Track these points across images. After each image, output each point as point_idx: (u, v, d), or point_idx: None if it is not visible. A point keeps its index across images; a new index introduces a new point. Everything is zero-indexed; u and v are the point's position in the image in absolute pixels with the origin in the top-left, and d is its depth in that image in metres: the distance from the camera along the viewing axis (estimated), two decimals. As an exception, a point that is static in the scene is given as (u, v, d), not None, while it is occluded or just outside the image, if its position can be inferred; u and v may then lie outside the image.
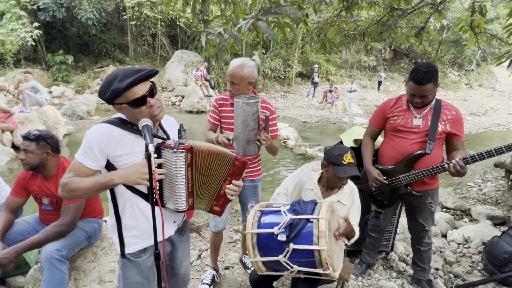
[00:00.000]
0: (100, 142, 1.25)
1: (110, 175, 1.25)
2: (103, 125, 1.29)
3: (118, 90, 1.19)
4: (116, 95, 1.21)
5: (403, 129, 2.15)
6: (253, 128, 1.80)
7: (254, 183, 2.26)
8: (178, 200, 1.33)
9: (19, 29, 12.91)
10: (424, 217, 2.28)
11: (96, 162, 1.27)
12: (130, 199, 1.34)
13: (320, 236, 1.46)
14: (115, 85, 1.20)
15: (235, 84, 1.97)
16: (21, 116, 7.03)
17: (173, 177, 1.30)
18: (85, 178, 1.26)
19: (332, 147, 1.94)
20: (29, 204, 2.27)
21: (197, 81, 12.68)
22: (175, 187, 1.31)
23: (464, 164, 1.95)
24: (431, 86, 1.99)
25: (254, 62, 1.99)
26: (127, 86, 1.19)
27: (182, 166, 1.29)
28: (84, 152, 1.27)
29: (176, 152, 1.26)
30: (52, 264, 1.86)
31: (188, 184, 1.34)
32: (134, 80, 1.20)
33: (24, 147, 2.03)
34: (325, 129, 10.97)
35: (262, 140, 1.83)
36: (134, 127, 1.31)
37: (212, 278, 2.44)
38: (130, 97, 1.22)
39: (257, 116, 1.80)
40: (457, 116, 2.10)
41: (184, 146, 1.29)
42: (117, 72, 1.24)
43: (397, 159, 2.19)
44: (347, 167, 1.82)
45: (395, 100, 2.27)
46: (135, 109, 1.25)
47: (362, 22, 4.29)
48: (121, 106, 1.26)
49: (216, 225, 2.30)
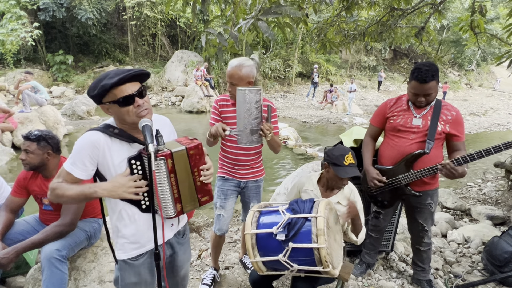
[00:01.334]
0: (88, 150, 1.25)
1: (94, 187, 1.24)
2: (91, 133, 1.28)
3: (106, 86, 1.18)
4: (104, 91, 1.20)
5: (403, 129, 2.15)
6: (256, 117, 1.79)
7: (257, 183, 2.26)
8: (165, 208, 1.30)
9: (19, 29, 12.93)
10: (424, 217, 2.28)
11: (84, 171, 1.27)
12: (124, 208, 1.34)
13: (319, 234, 1.46)
14: (104, 81, 1.20)
15: (234, 84, 1.96)
16: (21, 116, 7.03)
17: (156, 185, 1.26)
18: (72, 185, 1.26)
19: (333, 148, 1.93)
20: (29, 204, 2.27)
21: (197, 81, 12.68)
22: (159, 195, 1.28)
23: (459, 164, 1.94)
24: (435, 84, 1.99)
25: (253, 61, 1.98)
26: (116, 82, 1.19)
27: (164, 173, 1.24)
28: (73, 162, 1.26)
29: (155, 159, 1.21)
30: (52, 264, 1.86)
31: (174, 191, 1.29)
32: (123, 77, 1.20)
33: (25, 147, 2.03)
34: (325, 129, 10.97)
35: (265, 130, 1.81)
36: (122, 133, 1.30)
37: (213, 278, 2.43)
38: (118, 95, 1.21)
39: (260, 105, 1.79)
40: (457, 116, 2.09)
41: (163, 153, 1.24)
42: (109, 71, 1.25)
43: (396, 159, 2.19)
44: (348, 168, 1.82)
45: (395, 100, 2.27)
46: (122, 108, 1.23)
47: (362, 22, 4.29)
48: (109, 105, 1.25)
49: (220, 228, 2.28)
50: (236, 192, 2.27)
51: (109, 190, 1.23)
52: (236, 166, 2.17)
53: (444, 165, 1.95)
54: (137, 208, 1.34)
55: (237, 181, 2.22)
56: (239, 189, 2.25)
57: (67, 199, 1.26)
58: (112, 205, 1.35)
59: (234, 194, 2.26)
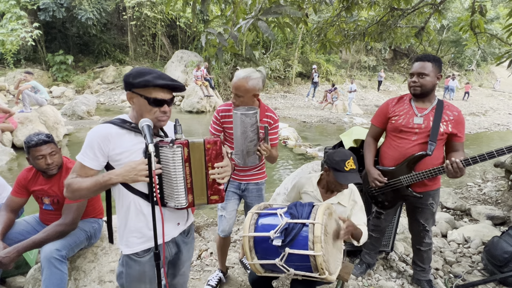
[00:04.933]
0: (99, 141, 1.28)
1: (108, 174, 1.27)
2: (103, 125, 1.32)
3: (150, 82, 1.26)
4: (145, 84, 1.26)
5: (405, 129, 2.13)
6: (252, 139, 1.79)
7: (258, 186, 2.25)
8: (177, 197, 1.31)
9: (19, 29, 12.92)
10: (425, 217, 2.28)
11: (95, 161, 1.29)
12: (134, 200, 1.35)
13: (315, 242, 1.44)
14: (149, 77, 1.26)
15: (239, 96, 1.93)
16: (21, 116, 7.03)
17: (171, 173, 1.29)
18: (86, 178, 1.28)
19: (334, 151, 1.90)
20: (29, 204, 2.27)
21: (197, 81, 12.68)
22: (173, 183, 1.30)
23: (466, 165, 1.93)
24: (431, 67, 2.02)
25: (260, 73, 1.95)
26: (160, 85, 1.27)
27: (179, 161, 1.28)
28: (84, 152, 1.30)
29: (172, 146, 1.26)
30: (52, 264, 1.87)
31: (187, 180, 1.32)
32: (168, 84, 1.28)
33: (49, 150, 2.01)
34: (325, 129, 10.97)
35: (262, 151, 1.82)
36: (132, 125, 1.34)
37: (219, 280, 2.44)
38: (153, 94, 1.28)
39: (256, 127, 1.78)
40: (459, 116, 2.09)
41: (180, 141, 1.29)
42: (153, 69, 1.31)
43: (398, 160, 2.17)
44: (349, 174, 1.79)
45: (397, 100, 2.27)
46: (149, 106, 1.29)
47: (362, 22, 4.29)
48: (137, 96, 1.30)
49: (223, 230, 2.28)
50: (237, 194, 2.26)
51: (122, 175, 1.25)
52: (237, 169, 2.18)
53: (452, 162, 1.92)
54: (146, 201, 1.35)
55: (237, 183, 2.22)
56: (240, 191, 2.25)
57: (82, 192, 1.28)
58: (121, 198, 1.36)
59: (235, 196, 2.25)
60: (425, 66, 2.03)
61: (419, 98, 2.14)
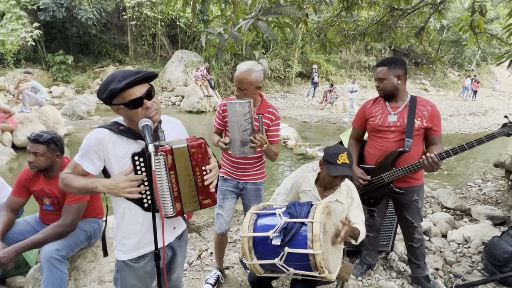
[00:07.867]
0: (95, 146, 1.29)
1: (96, 182, 1.27)
2: (98, 130, 1.32)
3: (115, 90, 1.20)
4: (113, 95, 1.22)
5: (382, 128, 2.22)
6: (246, 129, 1.79)
7: (257, 186, 2.25)
8: (164, 206, 1.27)
9: (19, 29, 12.93)
10: (412, 213, 2.33)
11: (92, 165, 1.31)
12: (129, 206, 1.35)
13: (314, 240, 1.45)
14: (113, 85, 1.21)
15: (242, 89, 1.93)
16: (21, 116, 7.03)
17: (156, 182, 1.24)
18: (79, 178, 1.30)
19: (331, 146, 1.94)
20: (29, 204, 2.27)
21: (197, 81, 12.69)
22: (159, 193, 1.25)
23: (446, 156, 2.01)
24: (386, 70, 2.15)
25: (261, 66, 1.96)
26: (124, 86, 1.20)
27: (163, 169, 1.23)
28: (82, 155, 1.31)
29: (156, 155, 1.20)
30: (52, 264, 1.87)
31: (173, 189, 1.27)
32: (131, 81, 1.21)
33: (34, 150, 2.01)
34: (325, 129, 10.98)
35: (255, 141, 1.82)
36: (124, 130, 1.32)
37: (217, 279, 2.44)
38: (127, 98, 1.23)
39: (249, 117, 1.78)
40: (433, 110, 2.16)
41: (163, 148, 1.23)
42: (116, 73, 1.25)
43: (379, 158, 2.26)
44: (340, 167, 1.81)
45: (373, 101, 2.36)
46: (131, 110, 1.25)
47: (362, 22, 4.29)
48: (118, 107, 1.27)
49: (220, 227, 2.28)
50: (235, 193, 2.26)
51: (107, 188, 1.25)
52: (236, 168, 2.18)
53: (427, 157, 2.00)
54: (140, 207, 1.34)
55: (235, 182, 2.22)
56: (237, 190, 2.25)
57: (73, 189, 1.31)
58: (116, 203, 1.36)
59: (233, 195, 2.26)
60: (380, 71, 2.19)
61: (388, 98, 2.25)
